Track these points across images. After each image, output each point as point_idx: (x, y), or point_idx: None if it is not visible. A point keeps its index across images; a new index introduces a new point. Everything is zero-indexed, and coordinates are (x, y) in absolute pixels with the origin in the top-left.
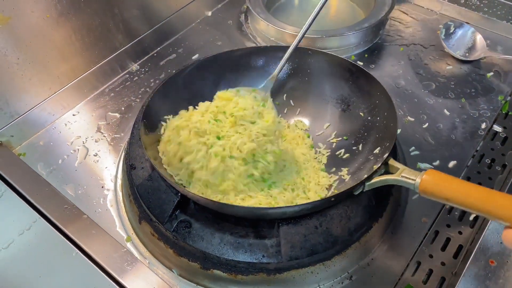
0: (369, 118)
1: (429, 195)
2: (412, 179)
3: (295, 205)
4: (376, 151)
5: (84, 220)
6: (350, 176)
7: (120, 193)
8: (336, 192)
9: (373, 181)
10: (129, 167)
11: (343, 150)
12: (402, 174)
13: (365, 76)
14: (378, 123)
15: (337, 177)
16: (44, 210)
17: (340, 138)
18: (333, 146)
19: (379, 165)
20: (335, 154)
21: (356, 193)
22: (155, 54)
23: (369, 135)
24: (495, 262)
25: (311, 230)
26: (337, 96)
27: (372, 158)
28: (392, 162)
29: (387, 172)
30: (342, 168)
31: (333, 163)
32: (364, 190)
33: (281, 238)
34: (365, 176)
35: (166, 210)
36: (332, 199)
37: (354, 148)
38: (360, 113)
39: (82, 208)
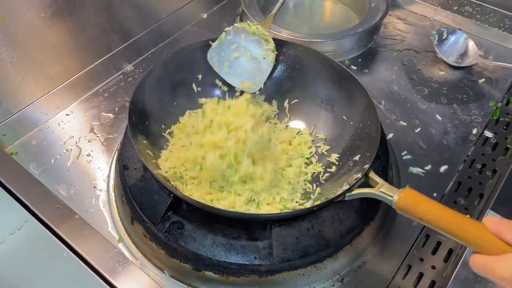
0: (351, 123)
1: (405, 214)
2: (390, 196)
3: (274, 214)
4: (356, 158)
5: (76, 220)
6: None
7: (112, 194)
8: (319, 191)
9: (353, 192)
10: (122, 168)
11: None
12: (381, 190)
13: (350, 79)
14: (360, 130)
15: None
16: (36, 209)
17: (321, 136)
18: (317, 144)
19: (360, 176)
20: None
21: (336, 200)
22: (149, 55)
23: (351, 140)
24: None
25: (303, 232)
26: (323, 95)
27: (352, 164)
28: (372, 175)
29: (366, 183)
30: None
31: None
32: (345, 199)
33: (273, 240)
34: (346, 186)
35: (159, 211)
36: (315, 208)
37: (336, 151)
38: (343, 117)
39: (74, 208)
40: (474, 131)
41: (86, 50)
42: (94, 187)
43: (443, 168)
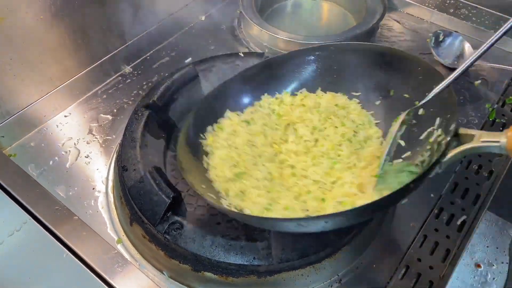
0: (416, 98)
1: None
2: (496, 141)
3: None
4: (436, 127)
5: (75, 221)
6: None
7: (111, 195)
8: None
9: (449, 156)
10: (121, 169)
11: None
12: (482, 139)
13: (397, 55)
14: (429, 99)
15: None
16: (35, 211)
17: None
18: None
19: (449, 137)
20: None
21: (432, 175)
22: (148, 57)
23: (425, 115)
24: (482, 266)
25: (302, 233)
26: (373, 85)
27: (433, 136)
28: (463, 131)
29: (460, 143)
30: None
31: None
32: (440, 171)
33: (272, 241)
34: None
35: (158, 212)
36: (411, 185)
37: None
38: (405, 95)
39: (73, 209)
40: None
41: (85, 52)
42: (93, 188)
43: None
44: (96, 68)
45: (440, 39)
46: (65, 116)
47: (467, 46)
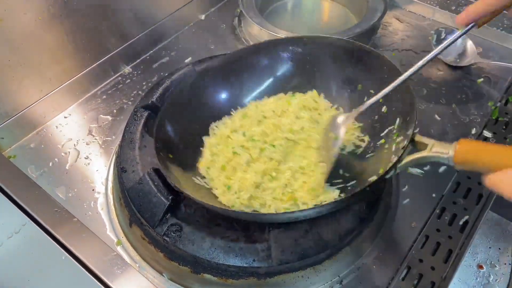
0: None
1: (466, 167)
2: (445, 153)
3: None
4: (391, 128)
5: (74, 223)
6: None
7: (111, 196)
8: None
9: (404, 162)
10: (120, 170)
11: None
12: (433, 149)
13: (367, 53)
14: (392, 98)
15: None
16: (34, 213)
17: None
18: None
19: (406, 143)
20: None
21: (388, 176)
22: (147, 57)
23: (387, 114)
24: (484, 267)
25: (302, 234)
26: (343, 78)
27: (393, 136)
28: (419, 138)
29: (415, 149)
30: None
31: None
32: (396, 173)
33: (272, 242)
34: (395, 158)
35: (157, 213)
36: (367, 188)
37: (371, 127)
38: (371, 91)
39: (72, 211)
40: (473, 131)
41: (84, 52)
42: (93, 189)
43: (442, 168)
44: (96, 69)
45: (442, 37)
46: (65, 117)
47: (470, 44)
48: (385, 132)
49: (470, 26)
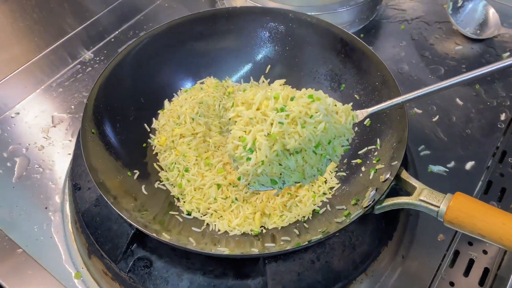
0: (365, 104)
1: (456, 227)
2: (435, 206)
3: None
4: (375, 146)
5: (18, 256)
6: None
7: (68, 216)
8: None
9: (385, 204)
10: (73, 187)
11: None
12: (421, 198)
13: (361, 50)
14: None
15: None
16: None
17: None
18: None
19: (389, 176)
20: None
21: (363, 214)
22: (112, 39)
23: (369, 130)
24: None
25: (306, 266)
26: (325, 71)
27: (373, 158)
28: (405, 176)
29: (398, 187)
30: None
31: None
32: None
33: (268, 278)
34: (373, 198)
35: (119, 244)
36: (337, 234)
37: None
38: (355, 95)
39: (18, 237)
40: (503, 116)
41: (33, 36)
42: (46, 207)
43: (469, 165)
44: (49, 55)
45: (459, 4)
46: (12, 117)
47: (492, 12)
48: (364, 150)
49: None
